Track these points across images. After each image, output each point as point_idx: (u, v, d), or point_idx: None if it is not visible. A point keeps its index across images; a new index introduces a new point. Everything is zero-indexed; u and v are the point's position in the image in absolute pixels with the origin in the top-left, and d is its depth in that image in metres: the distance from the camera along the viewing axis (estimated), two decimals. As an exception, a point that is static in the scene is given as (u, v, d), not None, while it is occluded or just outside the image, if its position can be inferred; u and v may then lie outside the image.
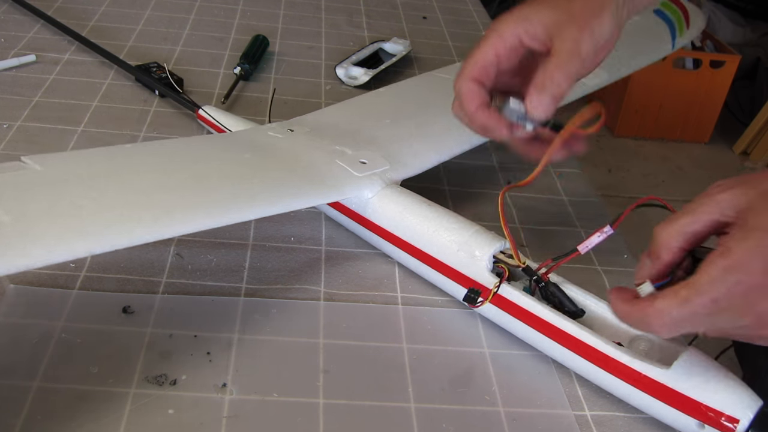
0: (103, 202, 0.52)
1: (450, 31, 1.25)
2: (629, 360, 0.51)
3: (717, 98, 2.77)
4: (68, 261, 0.61)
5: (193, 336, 0.56)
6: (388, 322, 0.61)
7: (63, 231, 0.48)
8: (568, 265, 0.56)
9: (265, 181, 0.61)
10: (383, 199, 0.65)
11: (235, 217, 0.56)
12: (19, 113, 0.84)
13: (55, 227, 0.48)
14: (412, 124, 0.76)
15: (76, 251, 0.47)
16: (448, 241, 0.61)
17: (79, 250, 0.48)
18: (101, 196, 0.52)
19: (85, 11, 1.13)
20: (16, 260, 0.45)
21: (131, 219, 0.51)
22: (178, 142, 0.71)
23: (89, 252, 0.48)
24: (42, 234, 0.47)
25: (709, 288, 0.42)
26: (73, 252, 0.47)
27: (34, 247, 0.46)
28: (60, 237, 0.47)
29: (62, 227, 0.48)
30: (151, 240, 0.51)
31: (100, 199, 0.52)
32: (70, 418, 0.49)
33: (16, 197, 0.50)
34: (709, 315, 0.42)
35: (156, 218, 0.52)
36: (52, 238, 0.47)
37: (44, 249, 0.46)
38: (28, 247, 0.46)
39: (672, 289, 0.43)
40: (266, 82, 1.00)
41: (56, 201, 0.51)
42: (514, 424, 0.53)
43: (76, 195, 0.52)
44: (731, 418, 0.48)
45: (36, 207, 0.49)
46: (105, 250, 0.49)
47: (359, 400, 0.53)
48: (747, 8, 3.17)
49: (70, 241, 0.47)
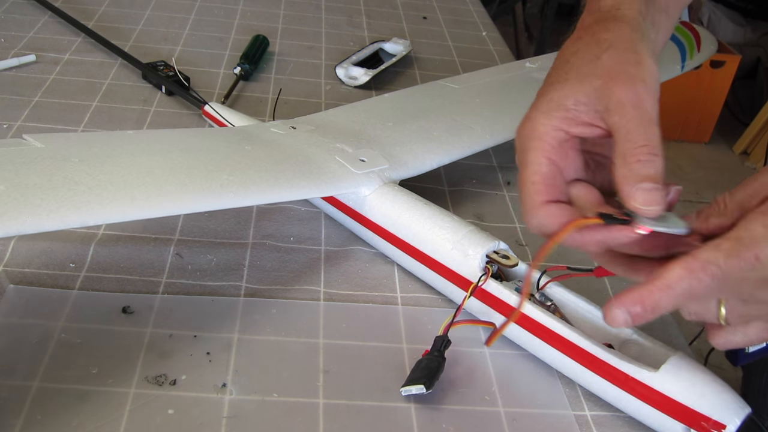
0: (99, 179, 0.52)
1: (450, 31, 1.25)
2: (617, 362, 0.51)
3: (717, 98, 2.77)
4: (68, 260, 0.62)
5: (193, 336, 0.56)
6: (388, 322, 0.61)
7: (56, 202, 0.48)
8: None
9: (262, 170, 0.61)
10: (380, 197, 0.65)
11: (229, 202, 0.56)
12: (19, 113, 0.84)
13: (49, 199, 0.48)
14: (415, 127, 0.76)
15: (68, 222, 0.48)
16: (442, 240, 0.61)
17: (71, 221, 0.48)
18: (97, 174, 0.53)
19: (86, 11, 1.13)
20: (7, 224, 0.45)
21: (125, 196, 0.51)
22: (180, 132, 0.72)
23: (81, 223, 0.49)
24: (36, 204, 0.47)
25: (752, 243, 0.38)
26: (65, 222, 0.48)
27: (26, 214, 0.46)
28: (53, 208, 0.48)
29: (56, 199, 0.48)
30: (142, 217, 0.52)
31: (96, 176, 0.52)
32: (70, 418, 0.49)
33: (14, 170, 0.51)
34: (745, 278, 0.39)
35: (149, 197, 0.52)
36: (45, 208, 0.47)
37: (36, 217, 0.47)
38: (21, 214, 0.46)
39: (712, 243, 0.39)
40: (266, 83, 1.00)
41: (52, 175, 0.51)
42: (514, 424, 0.53)
43: (73, 171, 0.52)
44: (718, 423, 0.47)
45: (32, 180, 0.50)
46: (96, 223, 0.50)
47: (359, 400, 0.53)
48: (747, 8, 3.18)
49: (62, 212, 0.48)
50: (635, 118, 0.41)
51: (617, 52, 0.43)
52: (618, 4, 0.48)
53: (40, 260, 0.62)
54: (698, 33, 1.03)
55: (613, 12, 0.47)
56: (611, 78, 0.42)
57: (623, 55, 0.43)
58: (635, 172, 0.41)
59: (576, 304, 0.57)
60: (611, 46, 0.44)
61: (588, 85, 0.43)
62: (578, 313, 0.57)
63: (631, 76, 0.42)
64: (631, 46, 0.44)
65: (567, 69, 0.45)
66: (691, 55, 1.00)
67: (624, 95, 0.42)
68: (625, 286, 0.45)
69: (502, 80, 0.92)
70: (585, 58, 0.45)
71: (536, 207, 0.43)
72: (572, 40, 0.48)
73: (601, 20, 0.47)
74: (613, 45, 0.44)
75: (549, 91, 0.45)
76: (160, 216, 0.53)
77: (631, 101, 0.41)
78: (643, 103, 0.42)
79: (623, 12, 0.47)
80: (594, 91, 0.43)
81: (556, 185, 0.44)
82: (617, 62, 0.43)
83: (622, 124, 0.42)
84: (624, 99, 0.42)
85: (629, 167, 0.41)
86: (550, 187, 0.44)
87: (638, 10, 0.48)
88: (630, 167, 0.41)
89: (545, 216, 0.43)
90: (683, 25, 1.03)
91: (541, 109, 0.44)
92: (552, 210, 0.43)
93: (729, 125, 2.94)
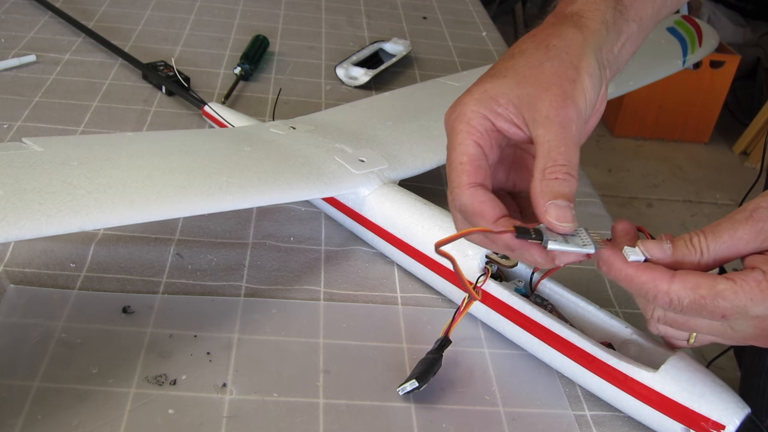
0: (98, 183, 0.52)
1: (450, 31, 1.25)
2: (616, 362, 0.51)
3: (717, 98, 2.77)
4: (68, 260, 0.62)
5: (193, 336, 0.57)
6: (388, 322, 0.61)
7: (55, 207, 0.48)
8: (569, 266, 0.56)
9: (261, 172, 0.61)
10: (380, 197, 0.65)
11: (227, 205, 0.56)
12: (19, 113, 0.84)
13: (48, 203, 0.48)
14: (414, 127, 0.76)
15: (66, 226, 0.48)
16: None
17: (70, 225, 0.48)
18: (97, 177, 0.53)
19: (86, 11, 1.13)
20: (6, 229, 0.45)
21: (123, 200, 0.51)
22: (179, 133, 0.72)
23: (80, 228, 0.49)
24: (35, 209, 0.47)
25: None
26: (64, 227, 0.48)
27: (25, 219, 0.46)
28: (52, 212, 0.48)
29: (55, 204, 0.48)
30: (141, 221, 0.52)
31: (95, 180, 0.52)
32: (70, 418, 0.49)
33: (13, 174, 0.51)
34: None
35: (148, 200, 0.52)
36: (43, 213, 0.47)
37: (35, 222, 0.47)
38: (21, 219, 0.46)
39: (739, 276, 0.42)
40: (266, 83, 1.00)
41: (51, 179, 0.51)
42: (514, 424, 0.53)
43: (72, 175, 0.52)
44: (717, 423, 0.47)
45: (31, 184, 0.50)
46: (95, 227, 0.50)
47: (359, 400, 0.53)
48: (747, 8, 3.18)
49: (61, 217, 0.48)
50: (559, 136, 0.42)
51: (560, 65, 0.44)
52: (583, 11, 0.48)
53: (41, 260, 0.62)
54: (700, 27, 1.02)
55: (575, 18, 0.48)
56: (545, 90, 0.43)
57: (564, 70, 0.44)
58: (551, 188, 0.42)
59: (575, 304, 0.57)
60: (557, 56, 0.45)
61: (522, 90, 0.44)
62: (578, 313, 0.57)
63: (564, 94, 0.43)
64: (576, 61, 0.44)
65: (509, 65, 0.46)
66: (692, 49, 0.99)
67: (553, 112, 0.42)
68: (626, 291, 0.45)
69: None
70: (529, 61, 0.45)
71: (463, 187, 0.44)
72: (526, 37, 0.48)
73: (559, 24, 0.48)
74: (558, 56, 0.45)
75: (486, 81, 0.45)
76: (159, 219, 0.53)
77: (559, 120, 0.42)
78: (569, 123, 0.42)
79: (585, 20, 0.47)
80: (526, 97, 0.44)
81: (482, 168, 0.44)
82: (556, 75, 0.43)
83: (546, 139, 0.42)
84: (552, 116, 0.42)
85: (546, 182, 0.42)
86: (477, 169, 0.44)
87: (602, 20, 0.48)
88: (547, 183, 0.42)
89: (470, 197, 0.44)
90: (685, 20, 1.02)
91: (474, 97, 0.45)
92: (478, 193, 0.44)
93: (729, 125, 2.94)
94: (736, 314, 0.42)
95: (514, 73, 0.45)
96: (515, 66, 0.45)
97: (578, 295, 0.58)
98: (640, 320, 0.64)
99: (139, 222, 0.52)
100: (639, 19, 0.51)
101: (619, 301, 0.66)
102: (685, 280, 0.42)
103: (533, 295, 0.58)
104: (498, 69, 0.46)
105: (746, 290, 0.41)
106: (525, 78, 0.44)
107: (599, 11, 0.48)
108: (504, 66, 0.46)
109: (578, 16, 0.48)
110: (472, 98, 0.45)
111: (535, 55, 0.45)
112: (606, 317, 0.56)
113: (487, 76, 0.46)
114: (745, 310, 0.41)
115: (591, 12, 0.48)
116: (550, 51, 0.45)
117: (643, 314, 0.48)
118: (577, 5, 0.49)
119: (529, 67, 0.45)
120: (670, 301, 0.43)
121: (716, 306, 0.42)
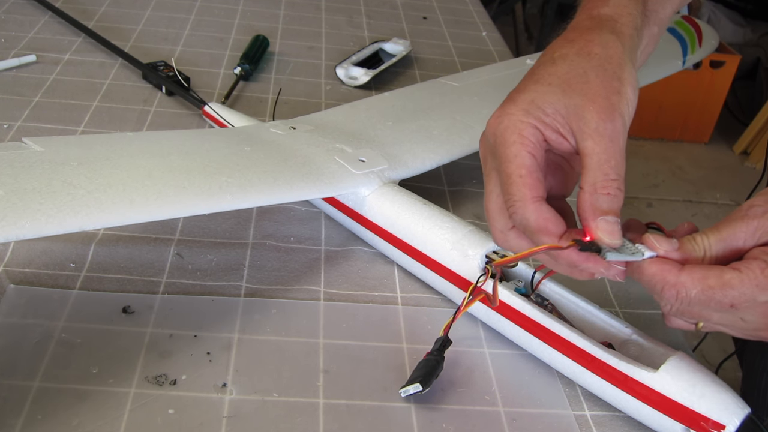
0: (98, 183, 0.52)
1: (450, 31, 1.25)
2: (616, 362, 0.51)
3: (717, 98, 2.77)
4: (68, 260, 0.62)
5: (193, 336, 0.57)
6: (388, 322, 0.61)
7: (55, 207, 0.48)
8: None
9: (261, 172, 0.61)
10: (380, 197, 0.65)
11: (227, 205, 0.56)
12: (19, 113, 0.84)
13: (48, 203, 0.48)
14: (415, 127, 0.76)
15: (66, 227, 0.48)
16: (441, 240, 0.61)
17: (70, 225, 0.48)
18: (97, 177, 0.53)
19: (86, 11, 1.13)
20: (6, 229, 0.45)
21: (123, 200, 0.51)
22: (179, 133, 0.72)
23: (80, 228, 0.49)
24: (35, 209, 0.47)
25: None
26: (64, 227, 0.48)
27: (25, 219, 0.46)
28: (52, 212, 0.48)
29: (55, 204, 0.48)
30: (141, 221, 0.52)
31: (95, 180, 0.52)
32: (70, 418, 0.49)
33: (13, 174, 0.51)
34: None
35: (147, 200, 0.52)
36: (44, 213, 0.47)
37: (35, 222, 0.47)
38: (21, 219, 0.46)
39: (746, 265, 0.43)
40: (266, 83, 1.00)
41: (51, 179, 0.51)
42: (514, 424, 0.53)
43: (71, 175, 0.52)
44: (717, 423, 0.47)
45: (31, 184, 0.50)
46: (95, 227, 0.50)
47: (359, 400, 0.53)
48: (747, 8, 3.18)
49: (61, 217, 0.48)
50: (609, 150, 0.43)
51: (604, 75, 0.44)
52: (617, 16, 0.48)
53: (41, 260, 0.62)
54: (700, 27, 1.02)
55: (611, 24, 0.48)
56: (592, 101, 0.43)
57: (609, 81, 0.44)
58: (601, 203, 0.42)
59: (575, 304, 0.57)
60: (600, 65, 0.45)
61: (569, 100, 0.44)
62: (578, 313, 0.57)
63: (612, 106, 0.43)
64: (618, 71, 0.44)
65: (552, 71, 0.46)
66: (692, 50, 0.99)
67: (602, 125, 0.43)
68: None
69: (503, 77, 0.92)
70: (572, 68, 0.45)
71: (526, 201, 0.44)
72: (563, 41, 0.48)
73: (596, 29, 0.47)
74: (602, 65, 0.45)
75: (530, 89, 0.45)
76: (159, 219, 0.53)
77: (608, 133, 0.43)
78: (618, 136, 0.43)
79: (620, 27, 0.47)
80: (573, 108, 0.44)
81: (540, 181, 0.44)
82: (602, 86, 0.44)
83: (596, 152, 0.43)
84: (601, 128, 0.43)
85: (597, 197, 0.43)
86: (537, 182, 0.44)
87: (635, 25, 0.48)
88: (597, 197, 0.43)
89: (534, 212, 0.43)
90: (685, 20, 1.01)
91: (521, 107, 0.45)
92: (542, 209, 0.43)
93: (729, 125, 2.94)
94: (745, 302, 0.42)
95: (559, 81, 0.44)
96: (558, 73, 0.45)
97: (578, 295, 0.58)
98: (640, 320, 0.64)
99: (139, 222, 0.52)
100: (659, 22, 0.52)
101: (619, 301, 0.66)
102: (692, 272, 0.43)
103: (533, 295, 0.58)
104: (540, 75, 0.46)
105: (751, 277, 0.42)
106: (571, 87, 0.44)
107: (631, 16, 0.48)
108: (546, 72, 0.46)
109: (613, 21, 0.48)
110: (518, 108, 0.45)
111: (578, 63, 0.45)
112: (606, 317, 0.56)
113: (529, 82, 0.46)
114: (753, 298, 0.42)
115: (624, 17, 0.48)
116: (592, 59, 0.45)
117: (661, 310, 0.48)
118: (609, 8, 0.49)
119: (573, 75, 0.44)
120: (677, 293, 0.43)
121: (725, 295, 0.42)
